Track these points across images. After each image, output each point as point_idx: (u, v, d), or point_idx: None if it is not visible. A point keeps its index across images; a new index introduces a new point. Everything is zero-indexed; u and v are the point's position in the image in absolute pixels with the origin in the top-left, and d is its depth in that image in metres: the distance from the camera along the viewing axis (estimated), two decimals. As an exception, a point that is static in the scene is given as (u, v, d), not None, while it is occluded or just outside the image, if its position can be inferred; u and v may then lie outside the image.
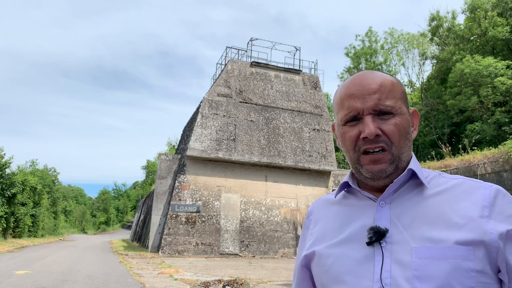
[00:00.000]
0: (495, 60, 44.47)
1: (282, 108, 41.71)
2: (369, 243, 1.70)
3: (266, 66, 43.12)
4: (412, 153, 1.87)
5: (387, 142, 1.75)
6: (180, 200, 36.67)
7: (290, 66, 44.38)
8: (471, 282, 1.59)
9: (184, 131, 48.27)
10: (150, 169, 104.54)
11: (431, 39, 63.27)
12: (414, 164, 1.81)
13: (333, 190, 41.39)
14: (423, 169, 1.85)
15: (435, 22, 61.76)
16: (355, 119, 1.80)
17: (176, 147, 62.59)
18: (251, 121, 39.96)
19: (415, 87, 70.94)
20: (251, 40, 44.05)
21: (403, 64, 72.03)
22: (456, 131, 50.39)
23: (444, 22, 60.97)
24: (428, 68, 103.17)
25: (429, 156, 39.58)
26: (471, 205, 1.68)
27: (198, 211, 36.80)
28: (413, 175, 1.80)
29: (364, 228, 1.76)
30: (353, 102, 1.79)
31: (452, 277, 1.57)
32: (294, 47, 46.02)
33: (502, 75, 42.43)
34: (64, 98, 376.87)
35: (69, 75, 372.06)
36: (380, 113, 1.77)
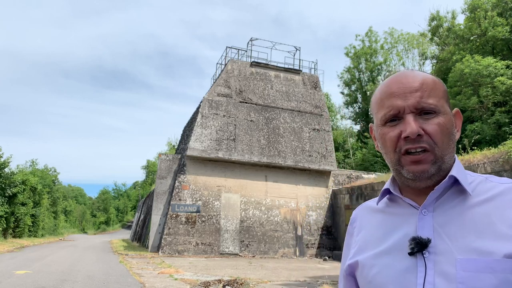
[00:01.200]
0: (494, 60, 44.44)
1: (282, 108, 41.72)
2: (411, 254, 1.65)
3: (266, 66, 43.14)
4: (456, 156, 1.81)
5: (430, 142, 1.68)
6: (180, 200, 36.69)
7: (290, 66, 44.39)
8: None
9: (184, 131, 48.28)
10: (150, 169, 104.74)
11: (431, 39, 63.20)
12: (457, 168, 1.75)
13: (333, 189, 41.54)
14: (468, 173, 1.79)
15: (435, 22, 61.71)
16: (395, 118, 1.74)
17: (176, 147, 62.63)
18: (251, 121, 39.98)
19: None
20: (251, 40, 44.06)
21: (403, 64, 72.01)
22: None
23: (444, 22, 60.92)
24: (428, 68, 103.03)
25: None
26: None
27: (198, 211, 36.82)
28: (456, 181, 1.72)
29: (407, 237, 1.70)
30: (394, 100, 1.74)
31: None
32: (294, 47, 46.05)
33: (502, 75, 42.42)
34: (64, 98, 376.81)
35: (69, 75, 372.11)
36: (422, 112, 1.71)
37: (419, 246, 1.62)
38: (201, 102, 39.87)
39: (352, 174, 44.03)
